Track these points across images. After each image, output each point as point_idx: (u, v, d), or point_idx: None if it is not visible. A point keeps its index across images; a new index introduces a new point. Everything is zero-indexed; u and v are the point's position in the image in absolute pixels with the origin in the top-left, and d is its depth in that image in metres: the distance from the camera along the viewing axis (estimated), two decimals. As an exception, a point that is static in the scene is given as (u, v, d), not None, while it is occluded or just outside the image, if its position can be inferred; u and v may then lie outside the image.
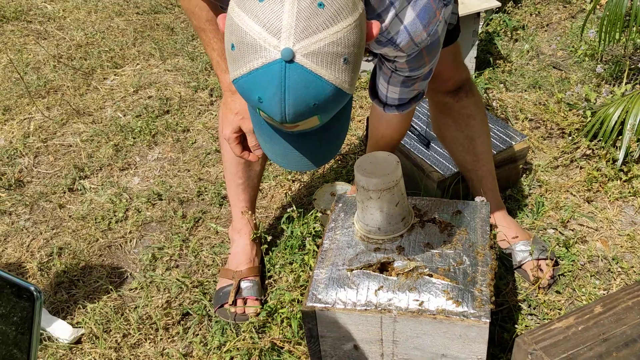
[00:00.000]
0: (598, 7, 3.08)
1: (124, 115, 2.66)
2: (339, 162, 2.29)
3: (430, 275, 1.33)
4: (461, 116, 1.70)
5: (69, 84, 2.89)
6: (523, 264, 1.75)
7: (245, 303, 1.72)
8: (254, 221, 1.83)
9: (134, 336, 1.68)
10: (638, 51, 2.74)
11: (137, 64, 3.06)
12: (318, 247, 1.74)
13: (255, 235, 1.81)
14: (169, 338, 1.69)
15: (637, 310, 1.28)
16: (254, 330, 1.65)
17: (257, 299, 1.73)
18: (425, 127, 2.09)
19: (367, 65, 2.78)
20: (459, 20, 1.55)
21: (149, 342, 1.68)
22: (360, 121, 2.51)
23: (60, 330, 1.67)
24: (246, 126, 1.33)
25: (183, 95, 2.76)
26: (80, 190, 2.25)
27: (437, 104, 1.72)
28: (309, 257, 1.78)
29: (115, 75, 2.98)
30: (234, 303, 1.70)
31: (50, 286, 1.86)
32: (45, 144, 2.51)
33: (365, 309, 1.30)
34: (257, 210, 1.93)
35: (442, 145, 1.86)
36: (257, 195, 1.86)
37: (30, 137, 2.55)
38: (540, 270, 1.72)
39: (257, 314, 1.69)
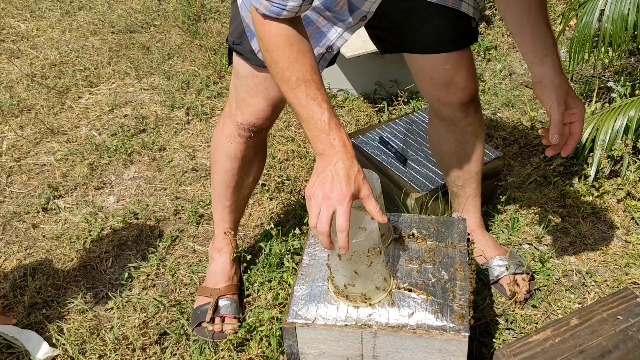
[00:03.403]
0: (567, 28, 3.16)
1: (99, 134, 2.64)
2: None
3: (410, 290, 1.34)
4: (465, 133, 1.68)
5: (43, 103, 2.86)
6: (500, 278, 1.77)
7: (223, 321, 1.71)
8: (235, 241, 1.82)
9: (110, 357, 1.66)
10: (606, 70, 2.82)
11: (113, 82, 3.05)
12: (297, 264, 1.74)
13: (235, 255, 1.80)
14: (146, 358, 1.66)
15: (611, 322, 1.31)
16: (232, 348, 1.63)
17: (235, 317, 1.72)
18: (402, 145, 2.11)
19: (345, 84, 2.81)
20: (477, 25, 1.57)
21: (126, 363, 1.65)
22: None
23: (34, 345, 1.62)
24: (367, 186, 1.17)
25: (159, 114, 2.75)
26: (55, 209, 2.22)
27: (444, 119, 1.68)
28: (288, 274, 1.78)
29: (90, 94, 2.96)
30: (212, 321, 1.69)
31: (24, 307, 1.82)
32: (18, 164, 2.48)
33: (346, 325, 1.30)
34: (235, 228, 1.92)
35: (436, 160, 1.82)
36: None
37: (2, 157, 2.52)
38: (517, 284, 1.74)
39: (235, 332, 1.68)
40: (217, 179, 1.70)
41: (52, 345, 1.68)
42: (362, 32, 1.72)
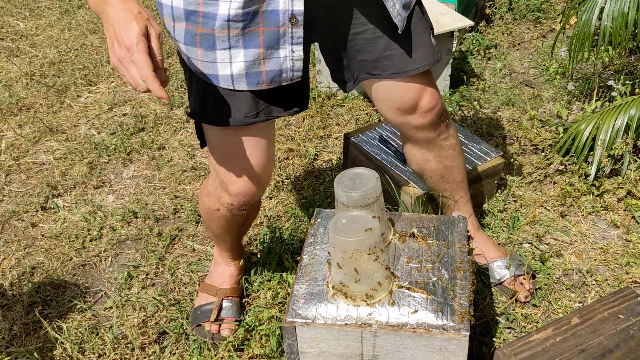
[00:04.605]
0: (568, 26, 3.16)
1: (99, 133, 2.64)
2: (316, 178, 2.29)
3: (410, 289, 1.33)
4: (443, 149, 1.63)
5: (42, 102, 2.86)
6: (502, 281, 1.77)
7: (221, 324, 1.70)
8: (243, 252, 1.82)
9: (109, 356, 1.65)
10: (607, 69, 2.81)
11: (112, 81, 3.04)
12: (296, 263, 1.74)
13: (243, 262, 1.80)
14: (145, 357, 1.66)
15: (612, 321, 1.30)
16: (232, 349, 1.63)
17: (235, 320, 1.71)
18: (401, 143, 2.10)
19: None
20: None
21: (125, 362, 1.65)
22: (337, 138, 2.52)
23: None
24: (155, 27, 1.07)
25: (158, 113, 2.75)
26: (54, 208, 2.22)
27: (417, 141, 1.60)
28: (287, 274, 1.78)
29: (89, 92, 2.95)
30: (216, 321, 1.68)
31: (23, 306, 1.81)
32: (17, 162, 2.47)
33: (346, 324, 1.30)
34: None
35: (420, 179, 1.77)
36: None
37: (1, 155, 2.51)
38: (520, 284, 1.74)
39: (234, 332, 1.67)
40: (215, 234, 1.69)
41: (50, 344, 1.68)
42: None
